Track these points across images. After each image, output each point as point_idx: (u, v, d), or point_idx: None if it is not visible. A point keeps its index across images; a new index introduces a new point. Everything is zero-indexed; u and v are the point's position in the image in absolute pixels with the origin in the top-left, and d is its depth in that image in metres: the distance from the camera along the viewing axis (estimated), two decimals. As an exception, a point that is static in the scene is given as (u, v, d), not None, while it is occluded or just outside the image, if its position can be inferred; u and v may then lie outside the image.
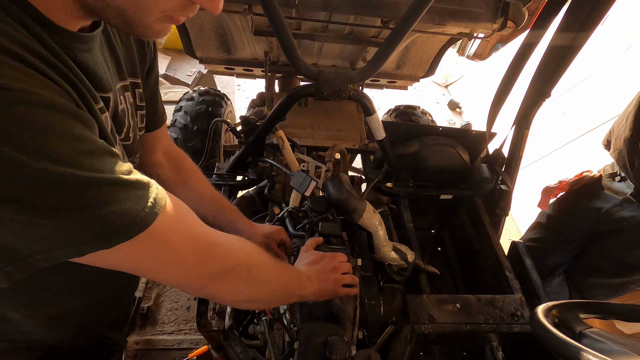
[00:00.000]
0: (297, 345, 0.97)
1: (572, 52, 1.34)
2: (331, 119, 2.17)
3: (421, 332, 1.21)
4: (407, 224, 1.62)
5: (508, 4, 1.55)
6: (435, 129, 1.86)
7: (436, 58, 2.17)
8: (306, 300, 1.03)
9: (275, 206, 1.56)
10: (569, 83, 3.60)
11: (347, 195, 1.25)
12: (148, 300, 2.31)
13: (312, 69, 1.32)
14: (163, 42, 4.69)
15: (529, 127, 1.62)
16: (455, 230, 1.98)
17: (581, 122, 3.31)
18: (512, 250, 1.56)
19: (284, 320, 1.16)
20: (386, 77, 2.34)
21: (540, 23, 1.42)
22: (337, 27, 1.68)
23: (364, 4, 1.45)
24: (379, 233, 1.27)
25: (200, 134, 2.21)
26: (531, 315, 0.87)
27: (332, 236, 1.21)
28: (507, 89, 1.59)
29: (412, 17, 1.17)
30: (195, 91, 2.40)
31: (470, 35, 1.61)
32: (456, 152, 1.77)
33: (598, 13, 1.23)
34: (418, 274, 1.41)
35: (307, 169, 1.57)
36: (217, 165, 1.85)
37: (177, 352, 2.07)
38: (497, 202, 1.68)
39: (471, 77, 5.15)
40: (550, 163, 3.39)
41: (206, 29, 1.85)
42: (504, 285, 1.44)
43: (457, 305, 1.29)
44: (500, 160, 1.73)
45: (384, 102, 4.80)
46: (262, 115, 2.18)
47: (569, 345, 0.71)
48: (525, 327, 1.26)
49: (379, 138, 1.61)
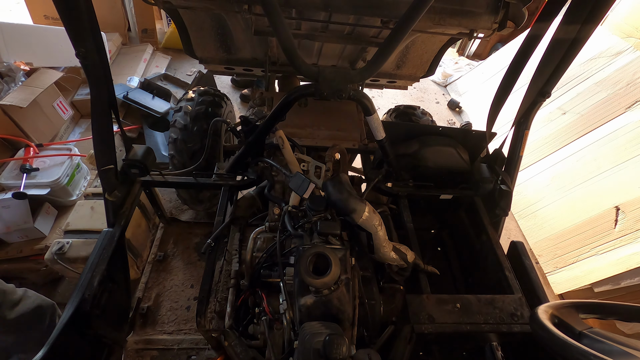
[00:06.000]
0: (296, 345, 0.97)
1: (572, 51, 1.34)
2: (331, 119, 2.17)
3: (421, 332, 1.21)
4: (407, 224, 1.62)
5: (508, 4, 1.55)
6: (435, 129, 1.86)
7: (436, 58, 2.17)
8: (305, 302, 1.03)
9: (275, 206, 1.55)
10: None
11: (347, 195, 1.25)
12: (148, 300, 2.31)
13: (312, 69, 1.32)
14: (163, 41, 4.69)
15: (529, 127, 1.62)
16: (455, 230, 1.98)
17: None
18: (512, 250, 1.56)
19: (284, 320, 1.16)
20: (386, 77, 2.34)
21: (540, 23, 1.41)
22: (337, 27, 1.68)
23: (364, 4, 1.45)
24: (378, 233, 1.27)
25: (200, 134, 2.20)
26: (531, 315, 0.87)
27: (331, 235, 1.21)
28: (507, 89, 1.59)
29: (412, 17, 1.17)
30: (195, 91, 2.40)
31: (470, 35, 1.61)
32: (456, 152, 1.77)
33: (598, 13, 1.23)
34: (418, 274, 1.41)
35: (307, 168, 1.57)
36: (217, 165, 1.85)
37: (177, 352, 2.07)
38: (497, 202, 1.68)
39: (471, 77, 5.15)
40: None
41: (206, 29, 1.84)
42: (504, 285, 1.44)
43: (457, 305, 1.29)
44: (500, 160, 1.73)
45: (384, 102, 4.80)
46: (262, 115, 2.18)
47: (569, 345, 0.70)
48: (525, 327, 1.26)
49: (379, 138, 1.61)
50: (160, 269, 2.49)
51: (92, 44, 1.19)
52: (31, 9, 3.79)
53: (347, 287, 1.09)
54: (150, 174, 1.72)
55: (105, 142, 1.43)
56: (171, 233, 2.71)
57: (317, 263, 1.07)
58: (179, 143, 2.23)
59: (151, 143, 3.10)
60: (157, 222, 2.72)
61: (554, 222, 3.12)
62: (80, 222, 2.16)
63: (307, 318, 1.05)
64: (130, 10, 4.21)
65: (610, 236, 2.71)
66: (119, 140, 1.97)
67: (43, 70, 2.82)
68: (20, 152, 2.42)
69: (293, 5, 1.43)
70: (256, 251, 1.42)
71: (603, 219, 2.79)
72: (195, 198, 2.48)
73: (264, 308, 1.25)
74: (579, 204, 3.00)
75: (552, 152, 3.41)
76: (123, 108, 3.24)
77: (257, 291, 1.32)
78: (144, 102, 3.20)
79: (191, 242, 2.68)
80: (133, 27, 4.36)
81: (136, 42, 4.43)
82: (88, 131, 3.12)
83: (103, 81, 1.29)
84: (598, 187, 2.93)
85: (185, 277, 2.47)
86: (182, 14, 1.71)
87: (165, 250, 2.59)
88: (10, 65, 2.61)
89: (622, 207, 2.71)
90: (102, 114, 1.35)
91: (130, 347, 2.04)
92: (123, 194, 1.60)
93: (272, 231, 1.46)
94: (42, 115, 2.76)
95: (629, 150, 2.85)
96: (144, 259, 2.50)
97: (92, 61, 1.21)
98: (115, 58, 3.92)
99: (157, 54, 4.35)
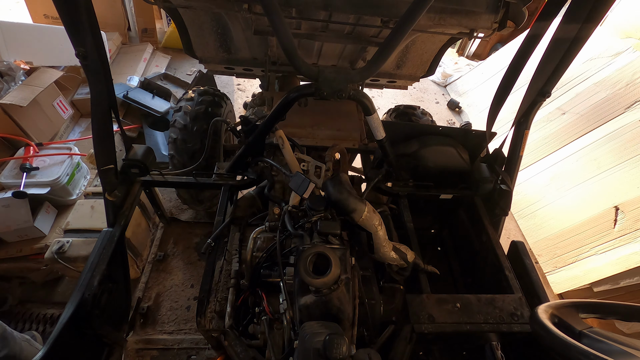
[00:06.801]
0: (296, 345, 0.97)
1: (571, 51, 1.34)
2: (331, 118, 2.17)
3: (421, 331, 1.21)
4: (407, 224, 1.62)
5: (508, 3, 1.55)
6: (435, 129, 1.86)
7: (436, 58, 2.17)
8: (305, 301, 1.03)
9: (275, 206, 1.55)
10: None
11: (347, 195, 1.25)
12: (148, 300, 2.31)
13: (312, 69, 1.32)
14: (163, 41, 4.69)
15: (529, 126, 1.62)
16: (455, 230, 1.98)
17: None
18: (512, 250, 1.56)
19: (284, 320, 1.16)
20: (386, 77, 2.34)
21: (540, 23, 1.42)
22: (337, 27, 1.68)
23: (364, 4, 1.45)
24: (378, 233, 1.27)
25: (200, 134, 2.20)
26: (531, 314, 0.87)
27: (331, 235, 1.21)
28: (507, 89, 1.59)
29: (412, 17, 1.16)
30: (195, 91, 2.40)
31: (470, 35, 1.61)
32: (456, 152, 1.77)
33: (597, 12, 1.23)
34: (418, 274, 1.41)
35: (307, 168, 1.57)
36: (217, 165, 1.85)
37: (177, 352, 2.07)
38: (497, 202, 1.68)
39: (471, 77, 5.15)
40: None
41: (206, 29, 1.84)
42: (504, 285, 1.44)
43: (457, 305, 1.29)
44: (500, 160, 1.73)
45: (384, 102, 4.80)
46: (262, 115, 2.18)
47: (569, 344, 0.71)
48: (525, 326, 1.26)
49: (379, 138, 1.61)
50: (160, 269, 2.50)
51: (92, 44, 1.19)
52: (31, 8, 3.79)
53: (347, 287, 1.09)
54: (150, 174, 1.72)
55: (105, 142, 1.43)
56: (171, 233, 2.71)
57: (317, 263, 1.07)
58: (178, 143, 2.23)
59: (151, 143, 3.09)
60: (157, 221, 2.72)
61: (554, 222, 3.13)
62: (80, 222, 2.16)
63: (307, 318, 1.05)
64: (130, 10, 4.21)
65: (609, 236, 2.72)
66: (119, 139, 1.97)
67: (43, 69, 2.82)
68: (20, 151, 2.42)
69: (293, 4, 1.43)
70: (256, 251, 1.42)
71: (602, 218, 2.79)
72: (195, 198, 2.48)
73: (264, 308, 1.25)
74: (579, 203, 3.00)
75: (552, 152, 3.42)
76: (123, 107, 3.24)
77: (257, 291, 1.32)
78: (143, 101, 3.20)
79: (191, 242, 2.68)
80: (133, 27, 4.36)
81: (136, 42, 4.43)
82: (88, 130, 3.12)
83: (103, 80, 1.29)
84: (597, 187, 2.93)
85: (185, 277, 2.47)
86: (182, 13, 1.71)
87: (165, 250, 2.60)
88: (10, 64, 2.60)
89: (622, 207, 2.72)
90: (102, 113, 1.35)
91: (130, 347, 2.05)
92: (123, 193, 1.60)
93: (272, 231, 1.46)
94: (42, 115, 2.76)
95: (628, 150, 2.85)
96: (144, 259, 2.51)
97: (92, 61, 1.21)
98: (115, 57, 3.91)
99: (157, 54, 4.35)
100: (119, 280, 1.56)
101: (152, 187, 1.90)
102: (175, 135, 2.24)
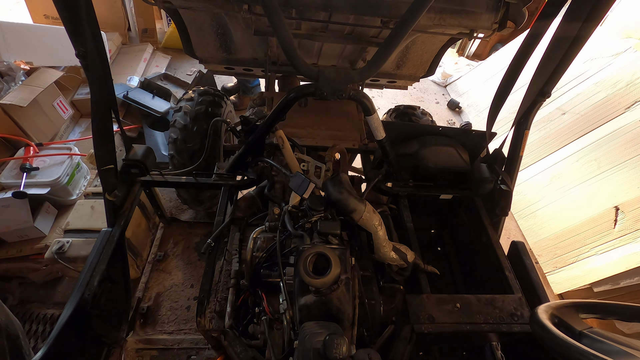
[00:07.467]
0: (296, 345, 0.97)
1: (572, 51, 1.34)
2: (331, 118, 2.17)
3: (421, 331, 1.21)
4: (407, 224, 1.62)
5: (508, 3, 1.55)
6: (435, 129, 1.86)
7: (436, 58, 2.17)
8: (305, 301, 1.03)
9: (275, 206, 1.55)
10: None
11: (347, 195, 1.25)
12: (148, 300, 2.31)
13: (312, 69, 1.32)
14: (163, 41, 4.69)
15: (529, 127, 1.62)
16: (455, 230, 1.98)
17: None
18: (512, 250, 1.56)
19: (284, 320, 1.16)
20: (386, 77, 2.34)
21: (540, 22, 1.41)
22: (337, 27, 1.68)
23: (363, 4, 1.45)
24: (378, 233, 1.27)
25: (200, 134, 2.20)
26: (531, 315, 0.87)
27: (331, 235, 1.21)
28: (507, 89, 1.59)
29: (412, 17, 1.17)
30: (195, 91, 2.40)
31: (470, 35, 1.61)
32: (456, 152, 1.77)
33: (598, 12, 1.23)
34: (418, 274, 1.41)
35: (307, 168, 1.57)
36: (217, 165, 1.85)
37: (177, 352, 2.07)
38: (497, 202, 1.68)
39: (471, 78, 5.15)
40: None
41: (206, 29, 1.84)
42: (504, 285, 1.44)
43: (457, 305, 1.29)
44: (500, 160, 1.73)
45: (384, 102, 4.79)
46: (262, 115, 2.18)
47: (569, 345, 0.70)
48: (525, 326, 1.26)
49: (379, 138, 1.61)
50: (160, 269, 2.50)
51: (92, 44, 1.19)
52: (31, 8, 3.79)
53: (347, 287, 1.09)
54: (150, 174, 1.72)
55: (105, 142, 1.43)
56: (171, 233, 2.71)
57: (317, 263, 1.07)
58: (179, 143, 2.23)
59: (151, 143, 3.09)
60: (157, 221, 2.72)
61: (554, 222, 3.13)
62: (80, 222, 2.16)
63: (307, 318, 1.05)
64: (130, 10, 4.21)
65: (609, 236, 2.71)
66: (119, 139, 1.97)
67: (43, 69, 2.82)
68: (20, 152, 2.42)
69: (293, 5, 1.43)
70: (256, 251, 1.42)
71: (602, 218, 2.79)
72: (195, 198, 2.48)
73: (264, 308, 1.25)
74: (579, 204, 3.00)
75: (552, 152, 3.41)
76: (123, 107, 3.24)
77: (257, 291, 1.32)
78: (144, 101, 3.20)
79: (191, 242, 2.68)
80: (133, 27, 4.36)
81: (136, 42, 4.43)
82: (88, 130, 3.12)
83: (103, 81, 1.29)
84: (597, 187, 2.93)
85: (185, 277, 2.47)
86: (182, 13, 1.71)
87: (165, 250, 2.60)
88: (10, 64, 2.61)
89: (622, 207, 2.71)
90: (102, 113, 1.35)
91: (130, 347, 2.04)
92: (123, 193, 1.60)
93: (272, 231, 1.46)
94: (42, 115, 2.76)
95: (628, 150, 2.85)
96: (144, 259, 2.51)
97: (92, 61, 1.21)
98: (115, 58, 3.92)
99: (157, 54, 4.35)
100: (118, 280, 1.56)
101: (152, 187, 1.90)
102: (175, 135, 2.24)
